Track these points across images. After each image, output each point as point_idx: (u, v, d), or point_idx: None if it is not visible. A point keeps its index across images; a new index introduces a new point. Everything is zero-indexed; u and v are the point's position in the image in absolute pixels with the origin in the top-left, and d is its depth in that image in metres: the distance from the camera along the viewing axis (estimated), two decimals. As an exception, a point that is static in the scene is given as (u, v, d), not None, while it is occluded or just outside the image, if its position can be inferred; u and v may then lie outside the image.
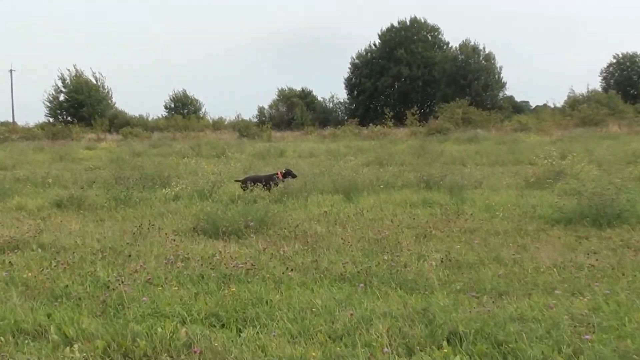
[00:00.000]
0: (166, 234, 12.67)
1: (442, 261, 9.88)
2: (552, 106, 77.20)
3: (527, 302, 7.79)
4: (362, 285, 8.61)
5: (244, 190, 17.43)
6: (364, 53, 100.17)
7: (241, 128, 65.71)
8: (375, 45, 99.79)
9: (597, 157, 24.78)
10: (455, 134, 51.01)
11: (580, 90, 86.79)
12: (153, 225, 13.38)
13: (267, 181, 18.16)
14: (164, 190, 18.91)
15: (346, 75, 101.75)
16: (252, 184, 17.64)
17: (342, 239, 11.84)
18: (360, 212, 14.76)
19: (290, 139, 58.97)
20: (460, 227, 12.77)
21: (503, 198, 16.34)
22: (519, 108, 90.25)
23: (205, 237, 12.63)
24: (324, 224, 13.67)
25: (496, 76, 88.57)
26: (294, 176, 18.84)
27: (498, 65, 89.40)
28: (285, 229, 13.01)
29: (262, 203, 14.76)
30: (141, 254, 10.99)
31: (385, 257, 10.08)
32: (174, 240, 11.87)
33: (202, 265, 9.92)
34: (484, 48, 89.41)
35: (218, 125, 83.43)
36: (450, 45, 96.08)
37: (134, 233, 12.69)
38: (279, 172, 18.78)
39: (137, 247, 11.51)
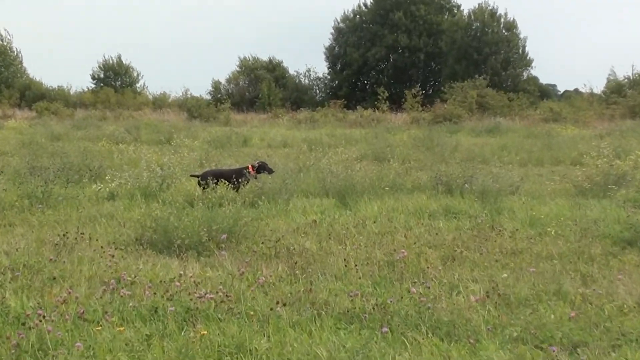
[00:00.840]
0: (101, 246, 11.87)
1: (487, 295, 9.11)
2: (588, 91, 76.48)
3: (615, 357, 7.09)
4: (385, 329, 7.83)
5: (204, 188, 16.59)
6: (351, 15, 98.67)
7: (191, 107, 64.47)
8: (365, 5, 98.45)
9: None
10: (469, 122, 50.51)
11: (624, 72, 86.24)
12: (82, 234, 12.56)
13: (235, 177, 17.33)
14: (95, 185, 18.18)
15: (327, 44, 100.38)
16: (215, 180, 16.88)
17: (342, 259, 11.16)
18: (362, 223, 14.05)
19: (255, 122, 58.24)
20: (500, 247, 12.06)
21: (552, 209, 15.68)
22: (545, 92, 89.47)
23: (154, 252, 11.91)
24: (314, 238, 12.98)
25: (519, 50, 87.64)
26: (270, 171, 18.14)
27: (522, 36, 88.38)
28: (262, 243, 12.32)
29: (229, 207, 13.93)
30: (67, 274, 10.24)
31: (407, 288, 9.42)
32: (113, 256, 11.01)
33: (154, 293, 9.12)
34: (505, 14, 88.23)
35: (160, 102, 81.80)
36: (461, 9, 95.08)
37: (56, 245, 11.89)
38: (250, 166, 18.00)
39: (61, 264, 10.70)
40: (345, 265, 10.74)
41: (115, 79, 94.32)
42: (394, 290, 9.54)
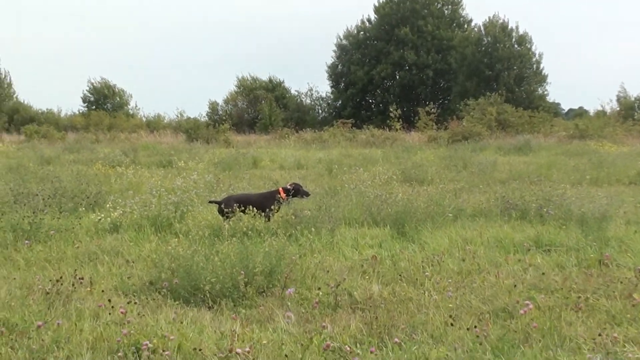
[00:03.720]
0: (107, 298, 9.22)
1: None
2: (604, 109, 74.69)
3: None
4: None
5: (226, 217, 14.11)
6: (355, 31, 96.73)
7: (189, 129, 62.25)
8: (369, 21, 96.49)
9: None
10: (491, 140, 48.18)
11: (634, 90, 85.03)
12: (81, 279, 9.94)
13: (263, 203, 14.73)
14: (94, 215, 15.68)
15: (330, 62, 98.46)
16: (239, 206, 14.30)
17: (434, 311, 8.53)
18: (434, 259, 11.32)
19: (260, 143, 55.92)
20: (628, 290, 9.37)
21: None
22: (553, 110, 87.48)
23: (176, 301, 9.37)
24: (380, 280, 10.51)
25: (534, 66, 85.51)
26: (305, 195, 15.62)
27: (537, 51, 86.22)
28: (315, 287, 9.88)
29: (269, 240, 11.28)
30: (63, 337, 7.72)
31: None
32: (124, 312, 8.22)
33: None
34: (516, 27, 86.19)
35: (155, 125, 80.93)
36: (472, 23, 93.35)
37: (47, 293, 9.34)
38: (281, 189, 15.36)
39: (54, 321, 8.10)
40: (446, 323, 8.13)
41: (104, 101, 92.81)
42: (524, 359, 6.93)
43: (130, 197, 16.45)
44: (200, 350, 7.17)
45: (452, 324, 7.93)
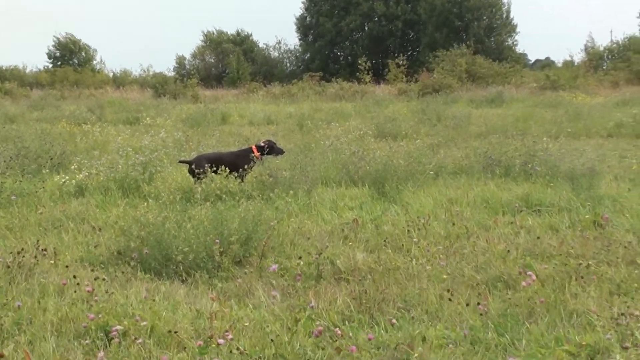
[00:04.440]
0: (68, 267, 8.77)
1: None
2: (572, 59, 74.27)
3: None
4: None
5: (197, 178, 13.40)
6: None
7: (157, 84, 61.05)
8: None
9: None
10: (462, 93, 47.50)
11: (601, 41, 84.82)
12: (44, 250, 9.16)
13: (236, 162, 14.01)
14: (58, 177, 14.81)
15: (298, 13, 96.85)
16: (211, 166, 13.59)
17: (427, 283, 7.91)
18: (419, 222, 10.61)
19: (228, 98, 54.94)
20: (631, 255, 8.74)
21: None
22: (521, 62, 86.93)
23: (147, 273, 8.71)
24: (364, 247, 9.87)
25: (503, 16, 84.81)
26: (279, 152, 14.95)
27: (505, 0, 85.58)
28: (294, 256, 9.23)
29: (245, 204, 10.57)
30: (25, 318, 7.04)
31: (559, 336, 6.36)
32: (92, 290, 7.46)
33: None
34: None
35: (122, 80, 79.00)
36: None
37: (8, 266, 8.52)
38: (253, 147, 14.62)
39: (14, 299, 7.42)
40: (440, 296, 7.50)
41: (71, 57, 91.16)
42: (530, 337, 6.31)
43: (96, 158, 15.69)
44: (175, 332, 6.48)
45: (450, 299, 7.25)
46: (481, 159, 15.61)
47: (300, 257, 8.83)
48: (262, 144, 14.74)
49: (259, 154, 14.43)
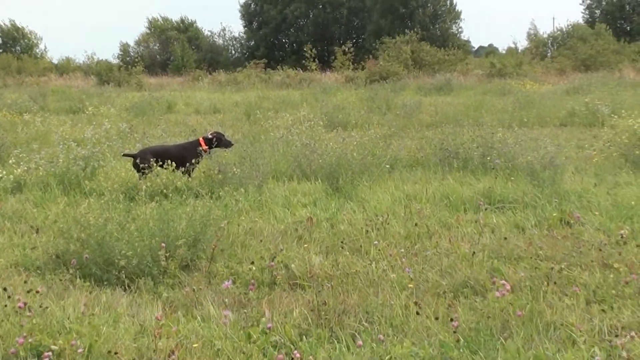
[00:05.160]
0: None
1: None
2: (516, 47, 74.29)
3: None
4: None
5: (142, 173, 12.65)
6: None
7: (101, 72, 59.93)
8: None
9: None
10: (409, 80, 47.15)
11: (544, 28, 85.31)
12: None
13: (183, 155, 13.28)
14: (-5, 171, 13.91)
15: (242, 1, 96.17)
16: (157, 160, 12.87)
17: (390, 292, 7.35)
18: (377, 220, 9.99)
19: (174, 86, 54.08)
20: (603, 258, 8.15)
21: (635, 190, 11.83)
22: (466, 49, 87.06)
23: (87, 282, 7.92)
24: (319, 248, 9.20)
25: (447, 3, 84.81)
26: (227, 145, 14.16)
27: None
28: (246, 259, 8.57)
29: (192, 202, 9.90)
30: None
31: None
32: (20, 297, 6.64)
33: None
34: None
35: (65, 68, 77.64)
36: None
37: None
38: (201, 139, 13.87)
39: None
40: (406, 308, 6.87)
41: (13, 44, 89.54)
42: (507, 355, 5.72)
43: (36, 151, 14.84)
44: (116, 353, 5.79)
45: (417, 312, 6.61)
46: (437, 151, 14.96)
47: (252, 262, 8.16)
48: (210, 136, 13.92)
49: (206, 146, 13.68)
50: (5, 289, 6.89)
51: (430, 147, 15.69)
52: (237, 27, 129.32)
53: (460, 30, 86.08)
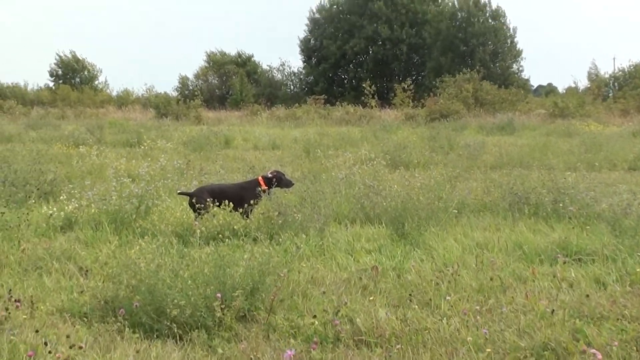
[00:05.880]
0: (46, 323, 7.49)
1: None
2: (577, 86, 73.46)
3: None
4: None
5: (198, 213, 12.08)
6: (327, 5, 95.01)
7: (160, 104, 59.98)
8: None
9: None
10: (470, 119, 46.58)
11: (605, 67, 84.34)
12: (18, 301, 7.80)
13: (242, 195, 12.71)
14: (45, 208, 13.42)
15: (302, 36, 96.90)
16: (213, 201, 12.32)
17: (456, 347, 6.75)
18: (446, 271, 9.34)
19: (232, 120, 53.97)
20: None
21: None
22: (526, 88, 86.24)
23: (136, 332, 7.35)
24: (385, 300, 8.58)
25: (508, 41, 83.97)
26: (288, 184, 13.58)
27: (511, 25, 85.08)
28: (307, 311, 8.05)
29: (241, 246, 9.37)
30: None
31: None
32: (61, 355, 6.18)
33: None
34: (489, 1, 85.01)
35: (124, 100, 78.41)
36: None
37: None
38: (260, 178, 13.27)
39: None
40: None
41: (73, 75, 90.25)
42: None
43: (88, 187, 14.35)
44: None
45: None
46: (506, 196, 14.25)
47: (314, 316, 7.55)
48: (270, 175, 13.29)
49: (266, 185, 13.09)
50: (46, 344, 6.36)
51: (498, 191, 14.98)
52: (295, 62, 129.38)
53: (520, 68, 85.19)
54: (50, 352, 6.20)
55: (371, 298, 8.42)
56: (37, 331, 7.03)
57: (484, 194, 15.20)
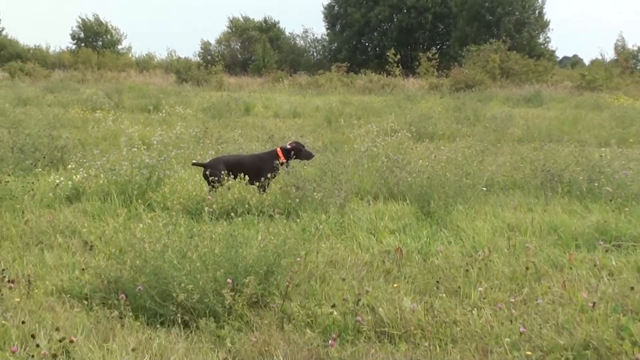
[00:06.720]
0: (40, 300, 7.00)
1: None
2: (603, 58, 71.87)
3: None
4: None
5: (212, 185, 11.43)
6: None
7: (180, 69, 59.42)
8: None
9: None
10: (496, 90, 45.68)
11: (633, 40, 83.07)
12: (11, 282, 7.22)
13: (259, 167, 12.01)
14: (52, 176, 12.89)
15: (326, 2, 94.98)
16: (228, 173, 11.63)
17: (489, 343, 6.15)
18: (475, 255, 8.62)
19: (253, 87, 53.35)
20: None
21: None
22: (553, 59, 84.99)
23: (138, 319, 6.81)
24: (409, 287, 7.94)
25: (536, 11, 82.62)
26: (307, 156, 12.88)
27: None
28: (325, 297, 7.43)
29: (256, 223, 8.77)
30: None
31: None
32: (64, 337, 5.66)
33: None
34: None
35: (145, 64, 77.78)
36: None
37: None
38: (278, 150, 12.55)
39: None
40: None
41: (95, 39, 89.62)
42: None
43: (99, 156, 13.66)
44: None
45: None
46: (538, 173, 13.50)
47: (333, 305, 6.91)
48: (289, 147, 12.56)
49: (284, 157, 12.38)
50: (33, 336, 5.69)
51: (528, 167, 14.22)
52: (319, 29, 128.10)
53: (547, 40, 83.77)
54: (37, 346, 5.56)
55: (395, 285, 7.74)
56: (23, 322, 6.40)
57: (514, 170, 14.45)
